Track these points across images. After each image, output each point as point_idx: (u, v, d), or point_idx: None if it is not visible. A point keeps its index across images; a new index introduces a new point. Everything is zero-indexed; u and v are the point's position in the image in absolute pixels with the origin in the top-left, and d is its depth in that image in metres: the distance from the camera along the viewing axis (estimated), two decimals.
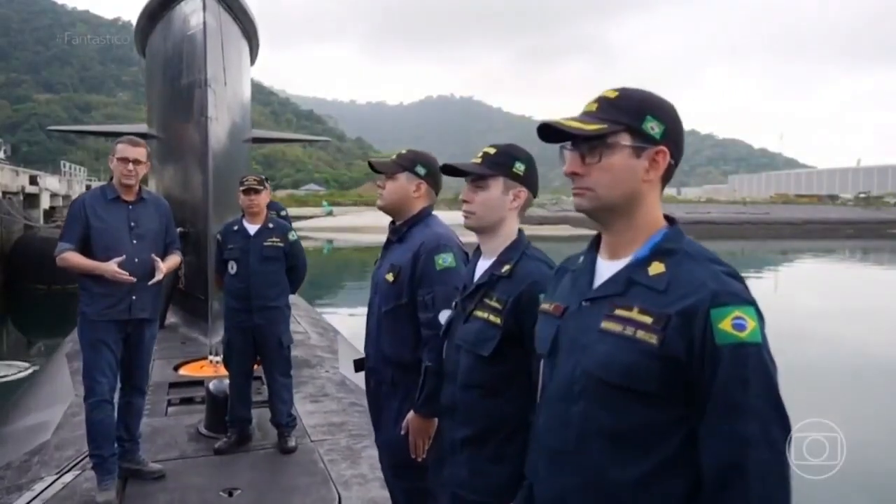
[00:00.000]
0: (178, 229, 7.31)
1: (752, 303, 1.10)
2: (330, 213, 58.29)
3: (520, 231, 1.84)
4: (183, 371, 5.43)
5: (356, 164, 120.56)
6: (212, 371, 5.28)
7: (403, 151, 2.40)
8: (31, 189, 25.95)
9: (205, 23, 6.87)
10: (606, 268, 1.26)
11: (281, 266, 3.96)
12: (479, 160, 1.82)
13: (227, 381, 4.04)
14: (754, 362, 1.06)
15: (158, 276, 3.36)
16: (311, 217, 51.15)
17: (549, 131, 1.27)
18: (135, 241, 3.36)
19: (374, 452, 3.80)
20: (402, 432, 2.11)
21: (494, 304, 1.68)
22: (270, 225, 4.00)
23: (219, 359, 5.44)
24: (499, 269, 1.74)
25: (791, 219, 59.98)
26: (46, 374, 6.36)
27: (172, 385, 4.98)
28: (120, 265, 3.20)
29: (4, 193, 21.49)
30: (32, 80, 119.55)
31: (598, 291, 1.23)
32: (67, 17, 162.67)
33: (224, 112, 7.62)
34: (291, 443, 3.84)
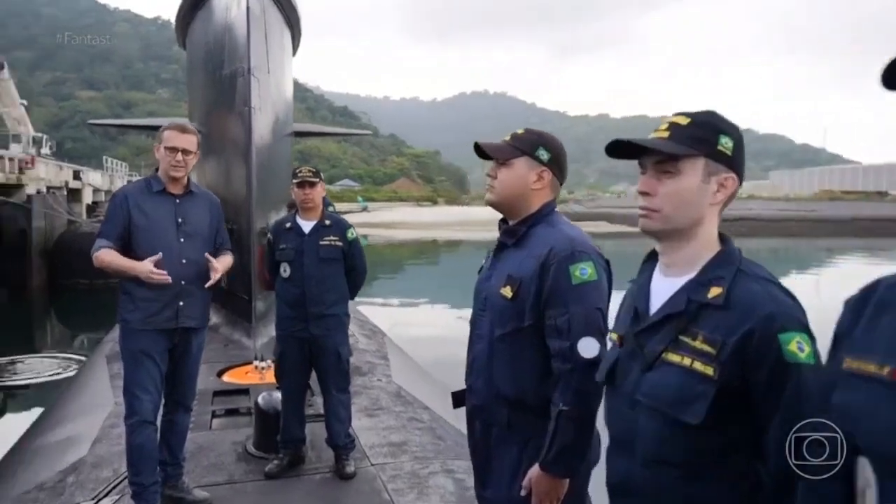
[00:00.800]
0: None
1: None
2: (365, 209, 58.35)
3: (726, 237, 1.31)
4: (227, 377, 5.08)
5: (390, 160, 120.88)
6: (257, 378, 4.92)
7: (520, 132, 1.91)
8: (74, 184, 26.34)
9: (248, 8, 6.52)
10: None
11: (339, 268, 3.54)
12: (664, 133, 1.29)
13: (276, 395, 3.65)
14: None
15: (215, 278, 2.99)
16: (346, 213, 50.81)
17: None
18: (182, 240, 3.00)
19: (443, 481, 3.40)
20: (523, 492, 1.66)
21: (702, 345, 1.18)
22: (327, 222, 3.57)
23: (264, 364, 5.08)
24: (702, 292, 1.22)
25: (838, 216, 57.69)
26: (85, 376, 6.08)
27: (216, 393, 4.62)
28: (157, 264, 2.84)
29: (49, 188, 21.73)
30: (77, 78, 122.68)
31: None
32: (110, 17, 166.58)
33: (267, 103, 7.28)
34: (350, 468, 3.43)
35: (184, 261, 2.98)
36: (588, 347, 1.61)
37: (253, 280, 6.25)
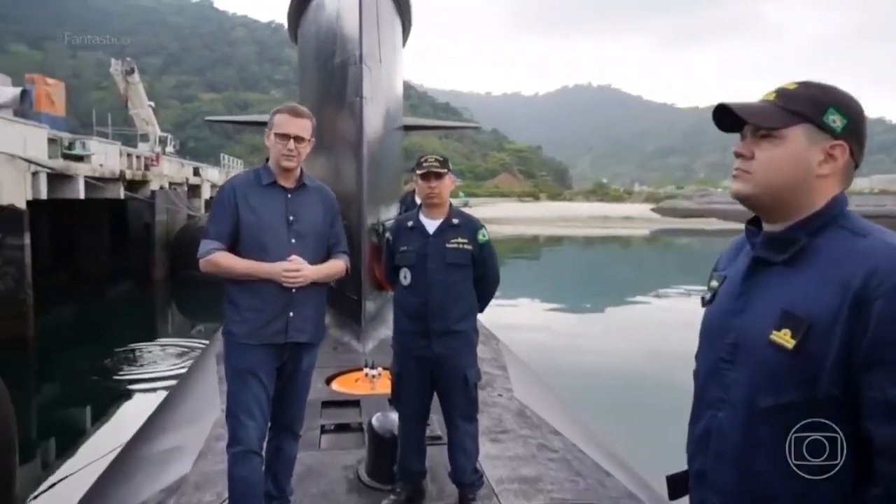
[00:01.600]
0: None
1: None
2: (466, 205, 58.25)
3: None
4: (336, 385, 4.73)
5: (491, 156, 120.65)
6: (368, 387, 4.54)
7: (791, 85, 1.25)
8: (194, 180, 27.75)
9: None
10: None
11: (468, 275, 3.04)
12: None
13: (392, 416, 3.21)
14: None
15: (297, 277, 2.57)
16: None
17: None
18: (293, 240, 2.63)
19: None
20: None
21: None
22: (455, 221, 3.07)
23: (375, 372, 4.69)
24: None
25: None
26: (194, 376, 5.96)
27: (325, 404, 4.27)
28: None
29: (171, 184, 22.92)
30: (199, 81, 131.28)
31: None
32: (229, 23, 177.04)
33: (379, 93, 6.94)
34: None
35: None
36: None
37: (363, 279, 5.92)
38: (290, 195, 2.67)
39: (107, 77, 45.49)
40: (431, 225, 3.06)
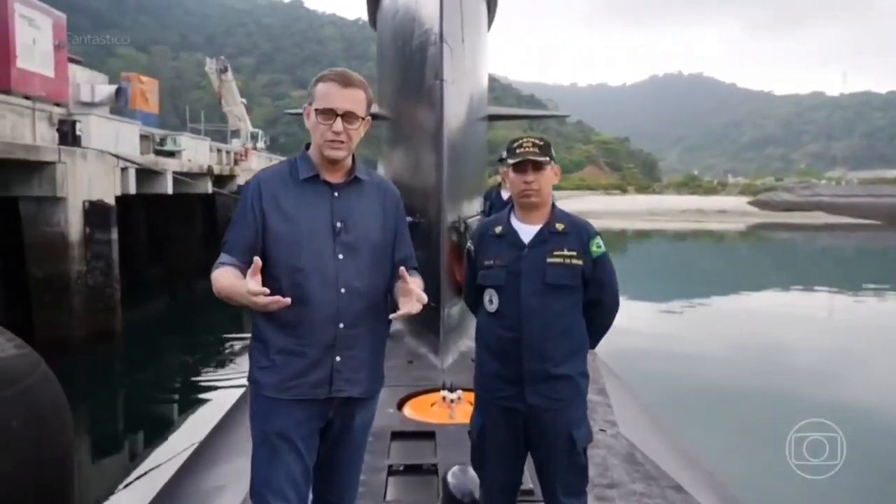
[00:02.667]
0: (407, 219, 6.24)
1: None
2: None
3: None
4: (409, 410, 4.10)
5: (576, 148, 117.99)
6: (445, 415, 3.88)
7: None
8: None
9: None
10: None
11: (576, 300, 2.29)
12: None
13: (472, 473, 2.54)
14: None
15: (411, 308, 1.90)
16: None
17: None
18: (341, 255, 1.96)
19: None
20: None
21: None
22: (559, 226, 2.31)
23: (454, 396, 4.03)
24: None
25: None
26: (223, 431, 4.90)
27: (395, 435, 3.64)
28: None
29: None
30: (290, 79, 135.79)
31: None
32: (318, 21, 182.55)
33: (461, 77, 6.26)
34: None
35: (343, 289, 1.94)
36: None
37: (442, 283, 5.27)
38: (336, 193, 2.01)
39: (205, 77, 47.39)
40: (527, 232, 2.32)
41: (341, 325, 1.93)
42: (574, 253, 2.27)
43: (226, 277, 1.89)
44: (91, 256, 11.48)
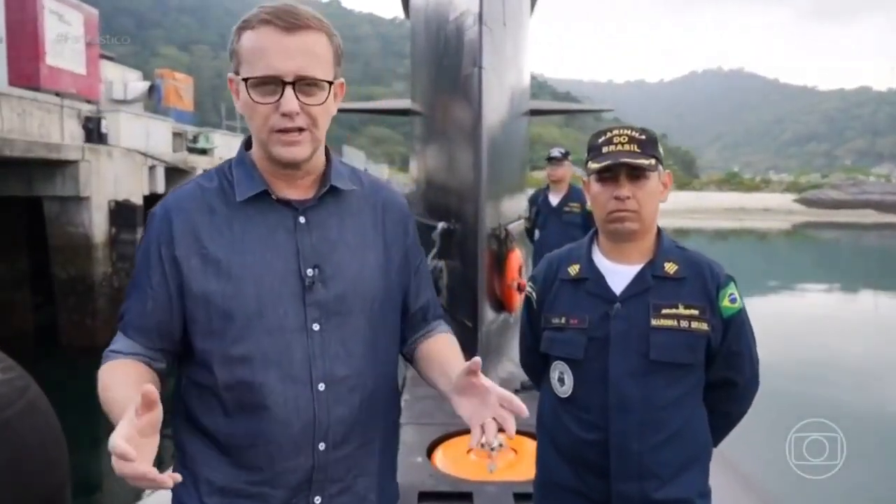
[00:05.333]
0: (441, 225, 5.58)
1: None
2: None
3: None
4: (440, 459, 3.45)
5: None
6: (485, 469, 3.22)
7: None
8: None
9: None
10: None
11: (694, 383, 1.54)
12: None
13: None
14: None
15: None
16: None
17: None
18: (316, 326, 1.20)
19: None
20: None
21: None
22: (669, 267, 1.53)
23: (495, 444, 3.36)
24: None
25: None
26: None
27: (424, 496, 3.00)
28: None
29: None
30: None
31: None
32: (355, 20, 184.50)
33: (502, 64, 5.59)
34: None
35: (322, 384, 1.19)
36: None
37: (479, 299, 4.62)
38: (302, 219, 1.23)
39: None
40: (619, 275, 1.55)
41: (321, 447, 1.20)
42: (695, 311, 1.49)
43: (112, 387, 1.12)
44: (116, 257, 11.16)
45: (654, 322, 1.49)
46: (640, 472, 1.49)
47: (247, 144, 1.28)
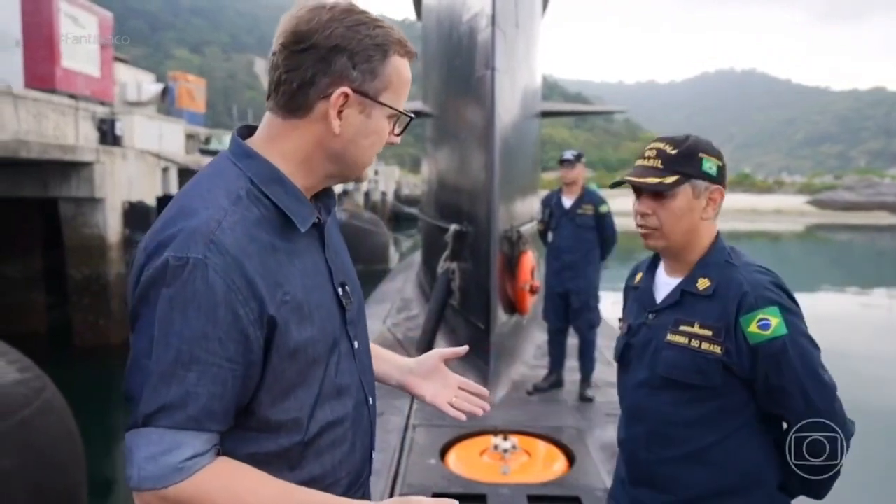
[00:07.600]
0: (453, 227, 5.57)
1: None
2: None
3: None
4: (453, 460, 3.46)
5: (624, 145, 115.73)
6: (497, 470, 3.22)
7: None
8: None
9: None
10: None
11: (718, 409, 1.44)
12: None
13: None
14: None
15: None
16: None
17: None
18: (356, 344, 1.15)
19: None
20: None
21: None
22: (702, 284, 1.47)
23: (508, 445, 3.38)
24: None
25: None
26: None
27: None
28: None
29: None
30: None
31: None
32: None
33: (514, 66, 5.59)
34: None
35: (370, 398, 1.19)
36: None
37: (492, 300, 4.62)
38: (322, 235, 1.15)
39: (256, 77, 47.98)
40: (665, 287, 1.56)
41: (374, 453, 1.22)
42: (709, 332, 1.41)
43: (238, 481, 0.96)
44: (131, 259, 11.22)
45: (669, 337, 1.47)
46: (653, 482, 1.49)
47: (237, 153, 1.06)
